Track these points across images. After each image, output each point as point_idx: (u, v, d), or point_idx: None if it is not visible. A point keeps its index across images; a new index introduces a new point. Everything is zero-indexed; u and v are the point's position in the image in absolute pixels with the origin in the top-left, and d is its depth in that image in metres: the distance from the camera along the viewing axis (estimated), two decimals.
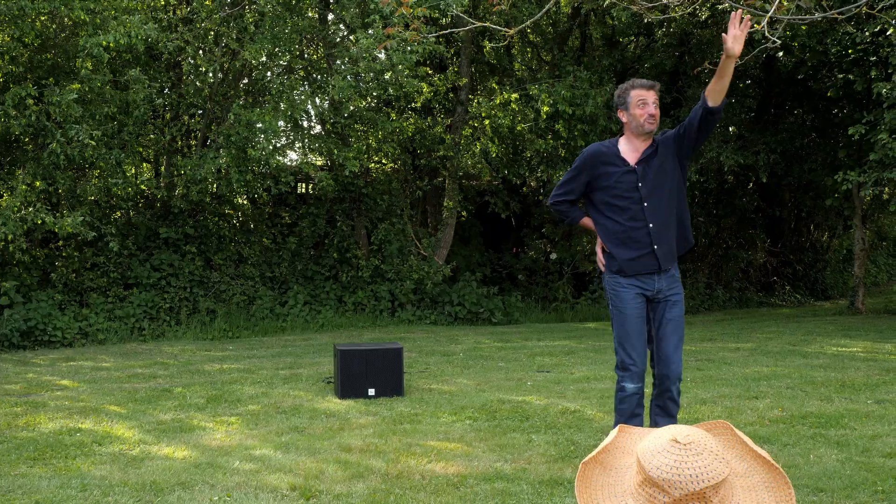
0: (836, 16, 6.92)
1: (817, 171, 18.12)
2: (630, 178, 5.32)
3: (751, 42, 16.50)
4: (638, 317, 5.40)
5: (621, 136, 5.44)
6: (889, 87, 12.88)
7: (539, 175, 17.29)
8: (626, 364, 5.42)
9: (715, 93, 5.17)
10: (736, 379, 8.81)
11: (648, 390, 5.63)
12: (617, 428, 2.46)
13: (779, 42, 7.19)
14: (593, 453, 2.36)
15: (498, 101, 16.83)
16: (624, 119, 5.35)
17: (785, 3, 6.64)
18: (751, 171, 18.55)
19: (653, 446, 2.17)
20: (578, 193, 5.51)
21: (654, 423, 5.44)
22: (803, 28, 15.07)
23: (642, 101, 5.24)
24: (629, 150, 5.36)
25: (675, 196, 5.42)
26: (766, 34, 6.62)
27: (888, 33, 13.06)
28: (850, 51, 15.03)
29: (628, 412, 5.46)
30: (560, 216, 5.71)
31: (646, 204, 5.31)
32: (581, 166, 5.43)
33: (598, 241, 5.53)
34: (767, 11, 6.40)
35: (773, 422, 6.77)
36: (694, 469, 2.10)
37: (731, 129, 19.05)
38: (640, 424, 5.46)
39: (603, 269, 5.54)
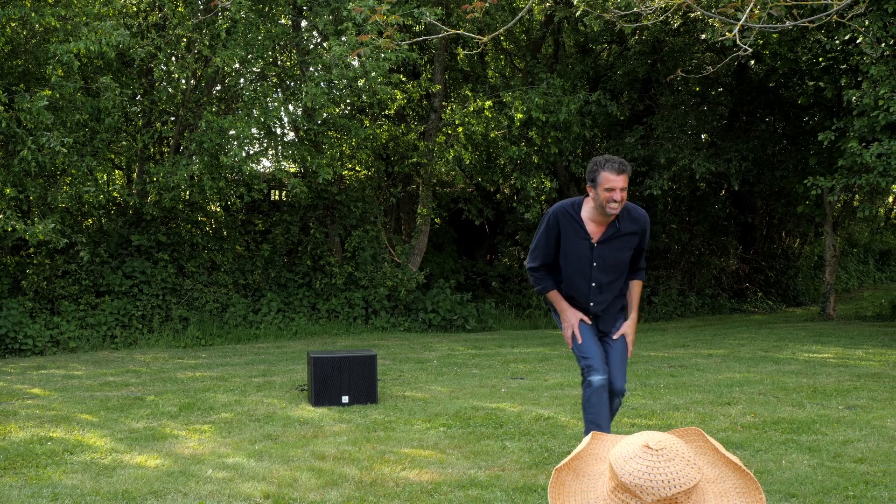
0: (807, 24, 6.98)
1: (788, 178, 18.27)
2: (588, 252, 5.50)
3: (723, 50, 16.68)
4: (587, 325, 5.60)
5: (586, 197, 5.52)
6: (859, 94, 13.00)
7: (513, 182, 17.33)
8: (586, 358, 5.53)
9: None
10: (708, 385, 8.86)
11: None
12: (590, 435, 2.47)
13: (750, 50, 7.24)
14: (566, 460, 2.36)
15: (471, 109, 16.85)
16: (590, 194, 5.45)
17: (756, 12, 6.69)
18: (723, 178, 18.69)
19: (625, 452, 2.18)
20: (553, 252, 5.59)
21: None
22: (774, 36, 15.22)
23: (610, 187, 5.30)
24: (592, 224, 5.50)
25: (623, 276, 5.65)
26: (738, 42, 6.66)
27: (858, 41, 13.19)
28: (820, 59, 15.17)
29: (598, 405, 5.42)
30: (534, 283, 5.79)
31: (593, 274, 5.53)
32: (549, 225, 5.54)
33: None
34: (739, 19, 6.44)
35: (745, 427, 6.81)
36: (666, 475, 2.11)
37: (703, 136, 19.18)
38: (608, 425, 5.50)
39: None
